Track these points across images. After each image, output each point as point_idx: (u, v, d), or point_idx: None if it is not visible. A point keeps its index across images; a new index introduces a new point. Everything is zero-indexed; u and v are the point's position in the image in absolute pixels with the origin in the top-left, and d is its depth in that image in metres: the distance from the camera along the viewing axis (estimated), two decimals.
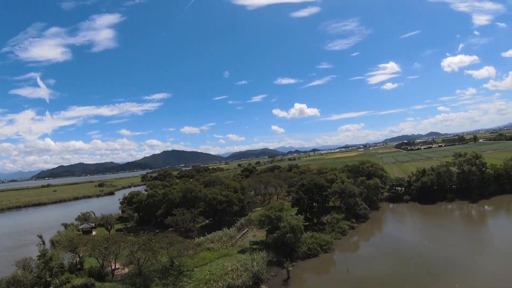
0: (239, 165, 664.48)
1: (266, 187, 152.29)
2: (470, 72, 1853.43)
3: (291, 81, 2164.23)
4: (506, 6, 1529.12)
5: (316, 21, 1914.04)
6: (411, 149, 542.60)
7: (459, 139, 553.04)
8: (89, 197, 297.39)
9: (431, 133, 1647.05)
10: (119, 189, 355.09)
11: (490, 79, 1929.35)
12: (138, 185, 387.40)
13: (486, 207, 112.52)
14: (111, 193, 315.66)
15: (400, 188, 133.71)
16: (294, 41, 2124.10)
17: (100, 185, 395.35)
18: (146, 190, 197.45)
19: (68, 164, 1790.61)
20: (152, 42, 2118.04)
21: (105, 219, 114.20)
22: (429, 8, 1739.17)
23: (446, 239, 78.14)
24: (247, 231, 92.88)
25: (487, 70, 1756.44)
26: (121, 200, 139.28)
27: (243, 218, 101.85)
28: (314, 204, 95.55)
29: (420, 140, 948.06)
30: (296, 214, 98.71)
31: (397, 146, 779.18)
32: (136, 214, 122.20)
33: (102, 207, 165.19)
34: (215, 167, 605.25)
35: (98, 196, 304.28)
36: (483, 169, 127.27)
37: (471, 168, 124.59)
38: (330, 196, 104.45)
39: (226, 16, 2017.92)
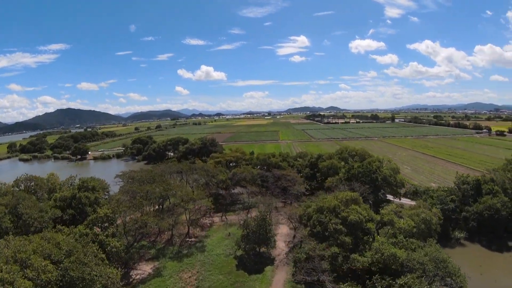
0: (136, 128, 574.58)
1: (163, 202, 70.17)
2: (374, 56, 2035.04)
3: (200, 42, 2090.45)
4: (418, 5, 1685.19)
5: None
6: (328, 122, 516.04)
7: (373, 116, 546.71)
8: None
9: (331, 107, 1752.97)
10: None
11: (391, 66, 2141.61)
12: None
13: None
14: None
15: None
16: (208, 1, 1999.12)
17: None
18: None
19: None
20: None
21: None
22: None
23: None
24: None
25: (391, 58, 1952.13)
26: None
27: None
28: None
29: (328, 113, 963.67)
30: None
31: (307, 117, 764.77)
32: None
33: None
34: (106, 130, 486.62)
35: None
36: None
37: None
38: None
39: None
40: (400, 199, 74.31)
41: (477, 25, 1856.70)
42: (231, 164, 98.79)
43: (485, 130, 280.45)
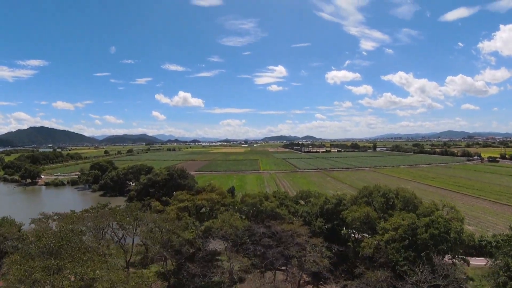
0: (106, 152, 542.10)
1: None
2: (350, 87, 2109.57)
3: (179, 68, 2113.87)
4: (392, 38, 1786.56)
5: (216, 13, 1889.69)
6: (309, 151, 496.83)
7: (353, 145, 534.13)
8: None
9: (307, 137, 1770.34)
10: None
11: (366, 97, 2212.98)
12: None
13: None
14: None
15: None
16: (189, 29, 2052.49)
17: None
18: None
19: None
20: None
21: None
22: (323, 25, 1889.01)
23: None
24: None
25: (365, 88, 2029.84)
26: None
27: None
28: None
29: (305, 142, 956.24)
30: None
31: (285, 146, 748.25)
32: None
33: None
34: (73, 152, 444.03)
35: None
36: None
37: None
38: None
39: None
40: (468, 265, 47.36)
41: (449, 56, 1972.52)
42: (202, 210, 69.25)
43: (476, 157, 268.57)
